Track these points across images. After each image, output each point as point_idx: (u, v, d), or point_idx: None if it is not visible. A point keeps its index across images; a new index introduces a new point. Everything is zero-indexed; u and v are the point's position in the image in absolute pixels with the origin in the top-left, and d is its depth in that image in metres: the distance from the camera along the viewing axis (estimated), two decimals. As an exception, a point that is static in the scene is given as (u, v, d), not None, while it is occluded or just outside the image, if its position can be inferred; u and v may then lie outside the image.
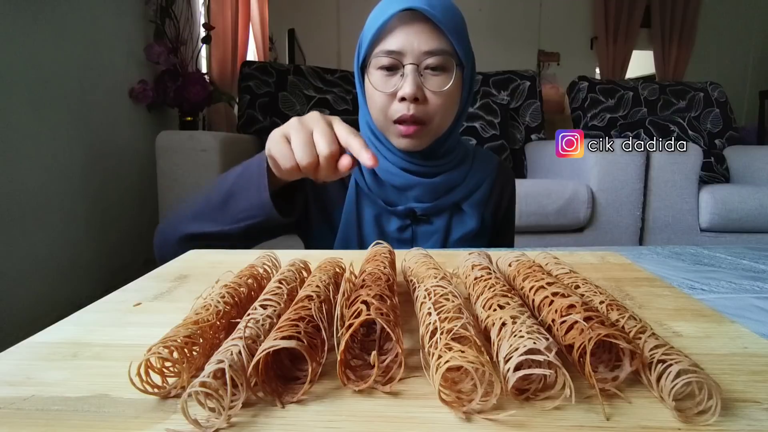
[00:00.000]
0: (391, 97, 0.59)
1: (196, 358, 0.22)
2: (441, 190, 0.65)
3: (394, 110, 0.59)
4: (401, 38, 0.57)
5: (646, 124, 2.10)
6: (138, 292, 0.35)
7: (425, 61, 0.57)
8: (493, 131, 1.96)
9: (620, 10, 3.54)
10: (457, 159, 0.67)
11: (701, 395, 0.19)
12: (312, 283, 0.28)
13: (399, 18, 0.57)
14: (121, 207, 1.57)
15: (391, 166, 0.64)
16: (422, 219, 0.66)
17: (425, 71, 0.58)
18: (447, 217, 0.66)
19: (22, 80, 1.14)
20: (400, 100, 0.58)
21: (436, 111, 0.59)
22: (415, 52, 0.57)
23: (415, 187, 0.63)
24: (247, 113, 1.91)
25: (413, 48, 0.57)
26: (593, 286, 0.29)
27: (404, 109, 0.58)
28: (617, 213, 1.68)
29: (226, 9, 2.15)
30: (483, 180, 0.69)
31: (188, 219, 0.57)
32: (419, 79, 0.57)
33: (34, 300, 1.17)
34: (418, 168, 0.63)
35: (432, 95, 0.58)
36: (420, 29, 0.57)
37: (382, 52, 0.58)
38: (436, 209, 0.65)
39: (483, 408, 0.19)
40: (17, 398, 0.21)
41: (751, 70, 3.77)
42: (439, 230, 0.66)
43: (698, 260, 0.49)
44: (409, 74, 0.57)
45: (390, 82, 0.59)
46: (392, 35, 0.58)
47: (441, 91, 0.58)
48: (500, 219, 0.72)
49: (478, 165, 0.69)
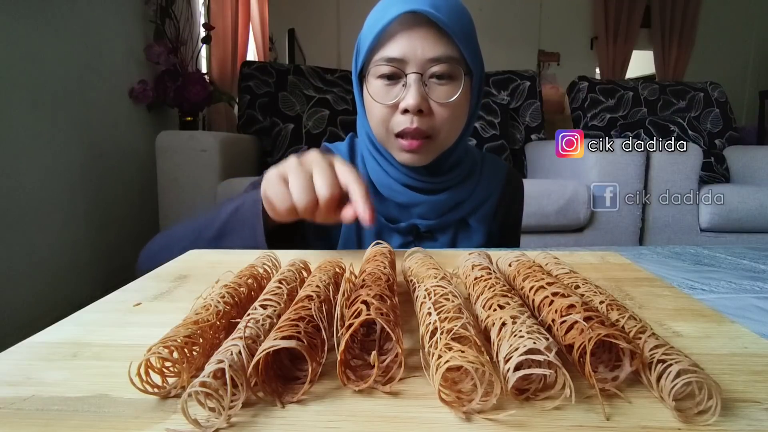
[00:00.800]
0: (393, 108, 0.54)
1: (196, 358, 0.22)
2: (446, 207, 0.61)
3: (395, 123, 0.54)
4: (403, 44, 0.52)
5: (646, 124, 2.10)
6: (138, 292, 0.35)
7: (430, 69, 0.52)
8: (493, 131, 1.96)
9: (620, 10, 3.54)
10: (464, 173, 0.62)
11: (701, 395, 0.19)
12: (312, 283, 0.28)
13: (400, 22, 0.52)
14: (121, 207, 1.57)
15: (394, 182, 0.59)
16: (426, 236, 0.62)
17: (430, 80, 0.53)
18: (452, 232, 0.62)
19: (22, 80, 1.14)
20: (402, 113, 0.53)
21: (442, 124, 0.54)
22: (419, 60, 0.52)
23: (420, 204, 0.59)
24: (247, 113, 1.91)
25: (416, 55, 0.51)
26: (593, 286, 0.29)
27: (407, 122, 0.53)
28: (617, 213, 1.68)
29: (226, 9, 2.15)
30: (491, 193, 0.64)
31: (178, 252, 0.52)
32: (423, 89, 0.52)
33: (34, 300, 1.17)
34: (423, 184, 0.59)
35: (438, 107, 0.53)
36: (424, 34, 0.52)
37: (382, 59, 0.53)
38: (441, 225, 0.61)
39: (483, 408, 0.19)
40: (17, 398, 0.21)
41: (751, 70, 3.77)
42: (443, 246, 0.62)
43: (698, 260, 0.49)
44: (413, 84, 0.51)
45: (391, 92, 0.53)
46: (393, 41, 0.52)
47: (447, 102, 0.53)
48: (509, 226, 0.69)
49: (486, 177, 0.65)
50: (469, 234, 0.63)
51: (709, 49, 3.66)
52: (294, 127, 1.80)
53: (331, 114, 1.82)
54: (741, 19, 3.71)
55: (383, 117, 0.55)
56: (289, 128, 1.80)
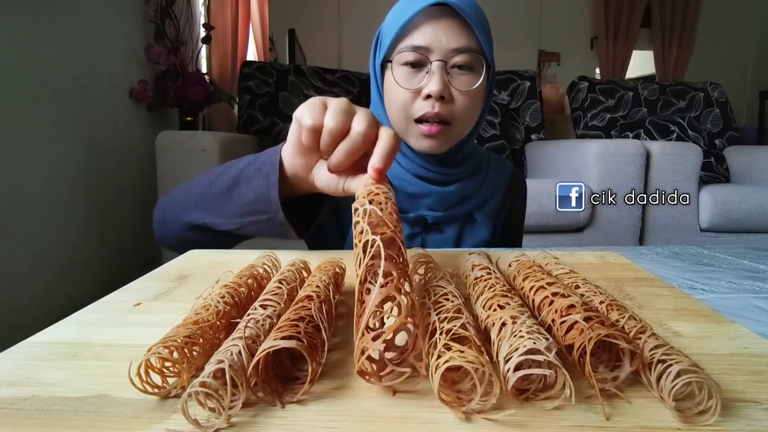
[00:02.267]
0: (415, 94, 0.56)
1: (196, 358, 0.22)
2: (454, 200, 0.63)
3: (417, 108, 0.57)
4: (428, 34, 0.55)
5: (646, 124, 2.10)
6: (138, 292, 0.35)
7: (453, 58, 0.55)
8: (493, 131, 1.96)
9: (620, 10, 3.54)
10: (473, 167, 0.65)
11: (701, 395, 0.19)
12: (312, 283, 0.28)
13: (426, 13, 0.55)
14: (121, 207, 1.57)
15: (405, 172, 0.61)
16: (433, 227, 0.63)
17: (452, 69, 0.56)
18: (458, 226, 0.64)
19: (22, 80, 1.14)
20: (425, 98, 0.56)
21: (461, 111, 0.57)
22: (443, 49, 0.55)
23: (429, 195, 0.61)
24: (247, 113, 1.91)
25: (441, 44, 0.54)
26: (593, 286, 0.29)
27: (428, 106, 0.55)
28: (617, 213, 1.68)
29: (226, 9, 2.15)
30: (497, 190, 0.67)
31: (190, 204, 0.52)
32: (446, 77, 0.55)
33: (34, 300, 1.17)
34: (433, 175, 0.61)
35: (458, 95, 0.56)
36: (448, 25, 0.55)
37: (408, 47, 0.56)
38: (448, 218, 0.63)
39: (483, 408, 0.19)
40: (17, 398, 0.21)
41: (751, 70, 3.77)
42: (450, 239, 0.63)
43: (698, 260, 0.49)
44: (436, 71, 0.54)
45: (415, 78, 0.56)
46: (418, 30, 0.55)
47: (468, 90, 0.56)
48: (512, 226, 0.71)
49: (493, 174, 0.67)
50: (474, 229, 0.65)
51: (709, 49, 3.66)
52: (294, 127, 1.80)
53: (331, 114, 1.82)
54: (741, 19, 3.70)
55: (404, 102, 0.57)
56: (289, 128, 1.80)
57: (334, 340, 0.27)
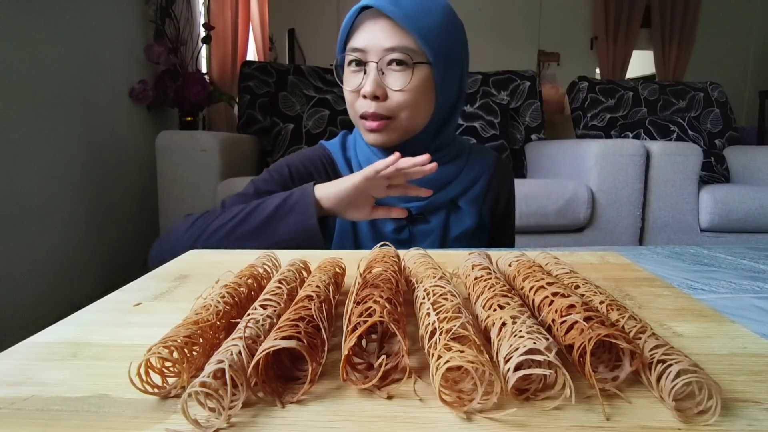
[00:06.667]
0: (357, 93, 0.60)
1: (196, 358, 0.22)
2: (435, 186, 0.63)
3: (359, 106, 0.61)
4: (366, 35, 0.58)
5: (646, 124, 2.09)
6: (138, 292, 0.35)
7: (387, 57, 0.58)
8: (493, 131, 1.96)
9: (620, 10, 3.53)
10: (451, 155, 0.67)
11: (701, 395, 0.19)
12: (312, 283, 0.28)
13: (365, 15, 0.59)
14: (121, 207, 1.57)
15: None
16: (418, 218, 0.65)
17: (388, 68, 0.58)
18: (444, 215, 0.65)
19: (22, 80, 1.14)
20: (363, 97, 0.59)
21: (399, 107, 0.59)
22: (377, 49, 0.58)
23: None
24: (247, 113, 1.91)
25: (375, 45, 0.58)
26: (593, 286, 0.29)
27: (367, 105, 0.59)
28: (617, 213, 1.68)
29: (226, 9, 2.15)
30: (479, 175, 0.68)
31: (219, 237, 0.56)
32: (379, 76, 0.58)
33: (34, 300, 1.17)
34: None
35: (393, 92, 0.59)
36: (383, 26, 0.58)
37: (350, 49, 0.60)
38: (432, 207, 0.65)
39: (484, 407, 0.19)
40: (17, 398, 0.21)
41: (751, 70, 3.77)
42: (436, 229, 0.65)
43: (698, 260, 0.49)
44: (370, 72, 0.58)
45: (356, 79, 0.60)
46: (358, 33, 0.59)
47: (402, 89, 0.58)
48: (500, 216, 0.71)
49: (474, 160, 0.69)
50: (460, 216, 0.66)
51: (709, 49, 3.66)
52: (294, 127, 1.80)
53: (331, 114, 1.82)
54: (741, 19, 3.70)
55: (351, 101, 0.62)
56: (289, 128, 1.80)
57: (334, 340, 0.27)
